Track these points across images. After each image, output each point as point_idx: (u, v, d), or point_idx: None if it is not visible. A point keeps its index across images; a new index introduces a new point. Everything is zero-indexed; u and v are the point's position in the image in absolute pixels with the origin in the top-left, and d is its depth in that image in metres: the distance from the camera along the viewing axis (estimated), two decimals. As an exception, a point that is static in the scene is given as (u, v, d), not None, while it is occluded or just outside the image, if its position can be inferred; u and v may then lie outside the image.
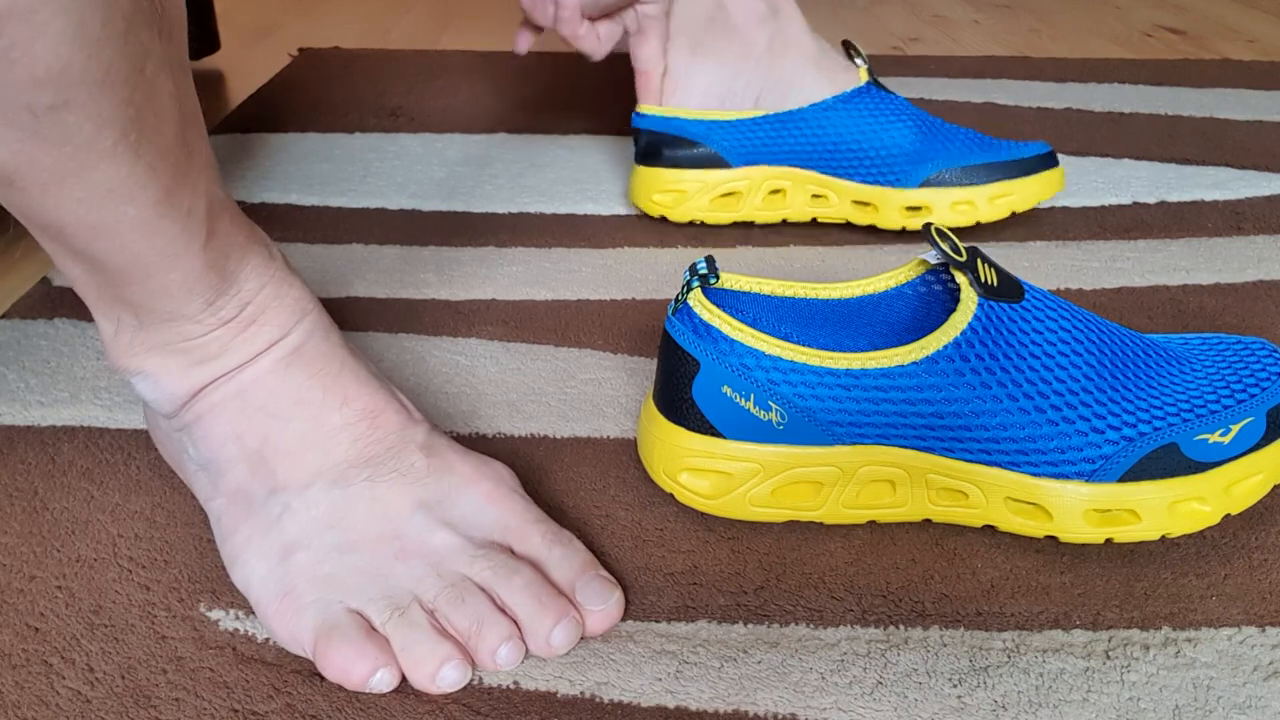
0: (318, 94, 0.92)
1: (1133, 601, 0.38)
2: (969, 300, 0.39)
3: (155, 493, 0.43)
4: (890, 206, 0.64)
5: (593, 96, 0.90)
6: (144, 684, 0.35)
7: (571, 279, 0.61)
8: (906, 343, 0.40)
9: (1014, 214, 0.65)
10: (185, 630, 0.37)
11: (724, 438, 0.41)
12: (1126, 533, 0.40)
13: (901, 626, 0.37)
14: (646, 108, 0.66)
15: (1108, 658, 0.36)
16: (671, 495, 0.43)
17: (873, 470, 0.40)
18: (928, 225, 0.41)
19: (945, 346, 0.38)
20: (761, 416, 0.40)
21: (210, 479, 0.39)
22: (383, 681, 0.34)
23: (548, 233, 0.66)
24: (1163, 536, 0.40)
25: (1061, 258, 0.63)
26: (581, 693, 0.35)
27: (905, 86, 0.93)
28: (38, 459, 0.45)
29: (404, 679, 0.35)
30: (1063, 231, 0.66)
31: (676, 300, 0.41)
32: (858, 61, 0.65)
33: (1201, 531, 0.41)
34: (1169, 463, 0.39)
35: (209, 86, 0.98)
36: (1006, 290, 0.40)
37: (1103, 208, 0.70)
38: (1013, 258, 0.63)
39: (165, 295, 0.35)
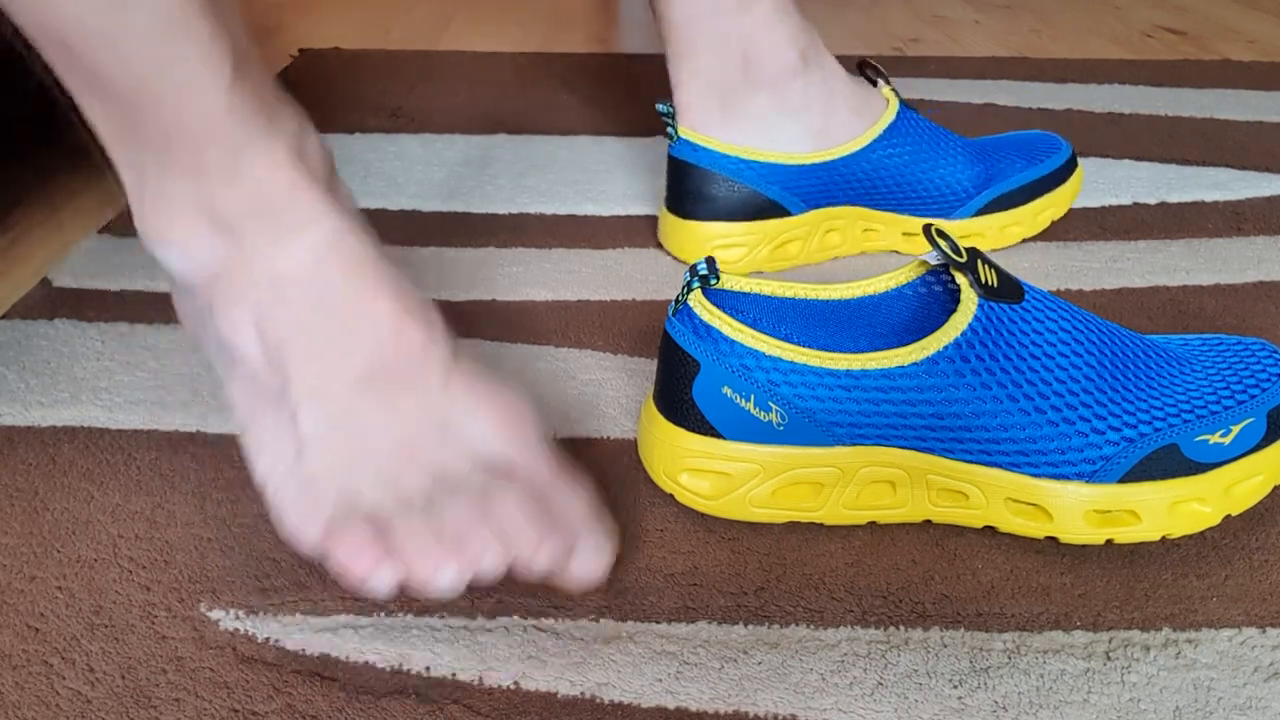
0: (318, 94, 0.92)
1: (1133, 602, 0.38)
2: (969, 301, 0.39)
3: (155, 493, 0.43)
4: None
5: (593, 97, 0.90)
6: (144, 684, 0.35)
7: (572, 280, 0.61)
8: (907, 343, 0.40)
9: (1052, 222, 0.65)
10: (185, 630, 0.37)
11: (724, 438, 0.41)
12: (1127, 533, 0.40)
13: (902, 627, 0.37)
14: (692, 134, 0.60)
15: (1108, 659, 0.36)
16: (671, 496, 0.43)
17: (873, 471, 0.40)
18: (927, 226, 0.41)
19: (945, 347, 0.38)
20: (762, 417, 0.40)
21: (230, 361, 0.38)
22: (383, 579, 0.35)
23: (548, 233, 0.66)
24: (1163, 537, 0.40)
25: (1062, 258, 0.63)
26: (582, 693, 0.35)
27: (905, 87, 0.93)
28: (38, 459, 0.45)
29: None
30: (1063, 232, 0.66)
31: (677, 301, 0.41)
32: (879, 83, 0.64)
33: (1202, 532, 0.41)
34: (1169, 463, 0.39)
35: (209, 87, 0.98)
36: (1007, 291, 0.40)
37: (1103, 208, 0.70)
38: (1013, 258, 0.63)
39: (182, 134, 0.34)
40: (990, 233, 0.63)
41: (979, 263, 0.40)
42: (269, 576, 0.39)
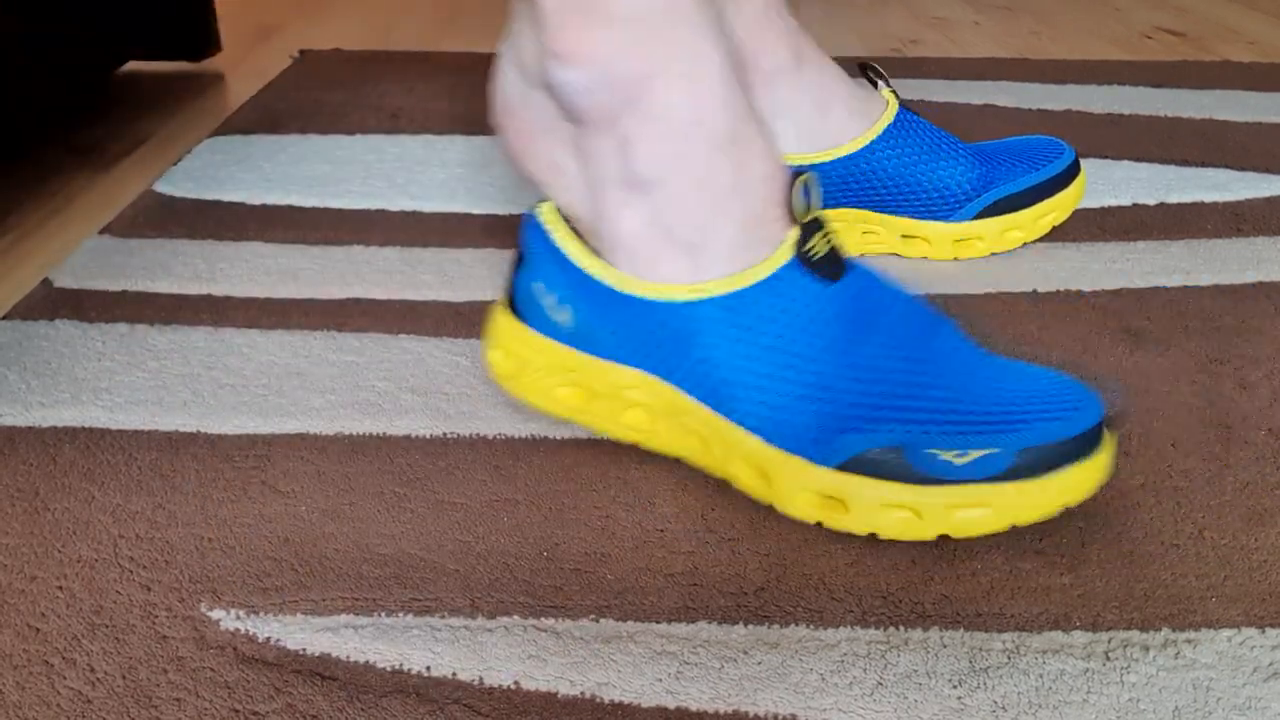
0: (319, 96, 0.92)
1: (1132, 603, 0.38)
2: (777, 258, 0.40)
3: (156, 493, 0.44)
4: (943, 240, 0.63)
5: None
6: (145, 684, 0.35)
7: (572, 280, 0.61)
8: None
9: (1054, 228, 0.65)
10: (186, 630, 0.37)
11: (528, 325, 0.45)
12: (837, 521, 0.40)
13: (901, 628, 0.37)
14: None
15: (1107, 659, 0.36)
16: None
17: (634, 394, 0.43)
18: (797, 170, 0.42)
19: (725, 295, 0.40)
20: (554, 316, 0.43)
21: (636, 203, 0.40)
22: None
23: (548, 234, 0.66)
24: (872, 534, 0.40)
25: (1061, 259, 0.63)
26: (582, 693, 0.35)
27: (905, 88, 0.93)
28: (39, 460, 0.45)
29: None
30: (1063, 233, 0.66)
31: (535, 206, 0.45)
32: (880, 84, 0.64)
33: (1201, 533, 0.41)
34: (890, 464, 0.39)
35: (210, 88, 0.98)
36: (827, 267, 0.41)
37: (1103, 209, 0.70)
38: (1012, 259, 0.63)
39: None
40: (990, 236, 0.63)
41: (820, 231, 0.41)
42: (269, 576, 0.39)
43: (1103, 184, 0.74)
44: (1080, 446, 0.39)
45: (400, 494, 0.44)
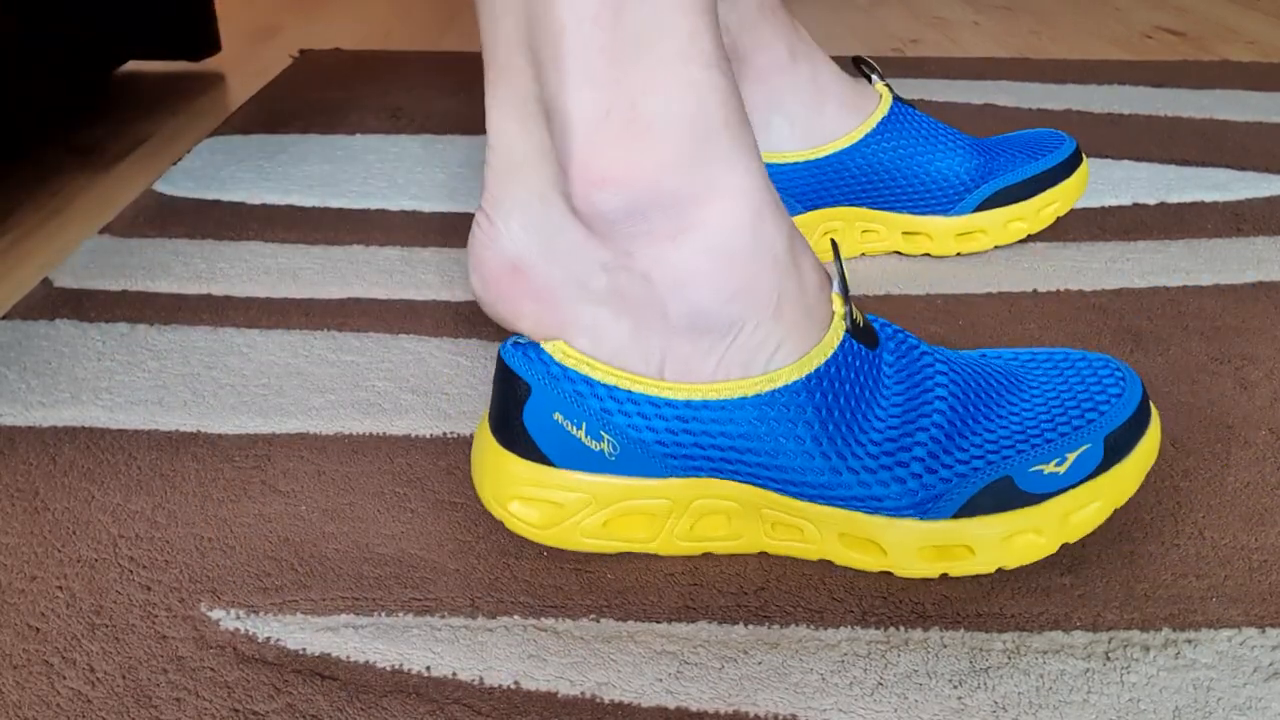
0: (319, 95, 0.92)
1: (1133, 603, 0.38)
2: (835, 334, 0.38)
3: (156, 493, 0.44)
4: (945, 235, 0.62)
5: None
6: (145, 684, 0.35)
7: (572, 280, 0.61)
8: None
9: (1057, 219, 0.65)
10: (186, 630, 0.37)
11: (554, 466, 0.39)
12: (961, 567, 0.39)
13: (902, 628, 0.37)
14: None
15: (1108, 659, 0.36)
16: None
17: (706, 503, 0.39)
18: (833, 240, 0.40)
19: (794, 382, 0.37)
20: (593, 446, 0.38)
21: (710, 348, 0.36)
22: None
23: (548, 234, 0.66)
24: (998, 569, 0.39)
25: (1061, 259, 0.63)
26: (582, 693, 0.35)
27: (905, 88, 0.93)
28: (39, 459, 0.45)
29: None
30: (1063, 232, 0.66)
31: None
32: (874, 78, 0.64)
33: (1201, 533, 0.41)
34: (1003, 496, 0.38)
35: (210, 88, 0.98)
36: (866, 336, 0.39)
37: (1103, 209, 0.70)
38: (1013, 259, 0.63)
39: (670, 19, 0.33)
40: (993, 229, 0.63)
41: (849, 301, 0.39)
42: (269, 576, 0.39)
43: (1103, 184, 0.74)
44: (1142, 413, 0.40)
45: (400, 494, 0.44)
